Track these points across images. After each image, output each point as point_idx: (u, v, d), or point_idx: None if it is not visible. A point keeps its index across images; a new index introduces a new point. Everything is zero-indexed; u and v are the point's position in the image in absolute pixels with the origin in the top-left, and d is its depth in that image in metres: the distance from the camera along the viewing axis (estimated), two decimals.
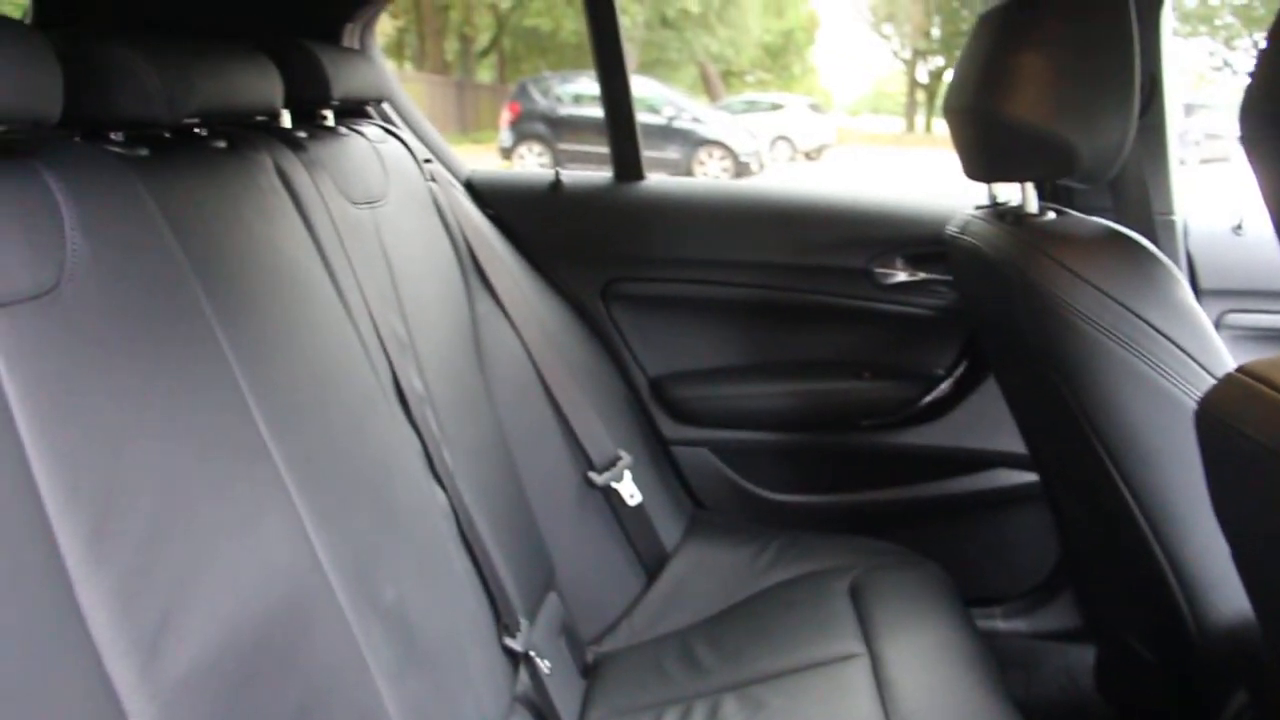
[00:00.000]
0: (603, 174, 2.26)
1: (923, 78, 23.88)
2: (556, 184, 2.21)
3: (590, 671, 1.89)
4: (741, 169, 13.18)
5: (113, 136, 1.09)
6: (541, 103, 13.77)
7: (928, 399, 2.18)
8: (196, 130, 1.26)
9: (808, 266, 2.18)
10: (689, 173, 12.80)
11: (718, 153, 13.31)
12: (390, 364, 1.46)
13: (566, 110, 13.59)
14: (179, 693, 0.82)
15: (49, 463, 0.79)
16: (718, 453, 2.28)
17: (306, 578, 1.05)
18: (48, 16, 1.67)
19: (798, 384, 2.24)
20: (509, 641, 1.55)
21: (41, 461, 0.78)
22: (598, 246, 2.21)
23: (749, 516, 2.26)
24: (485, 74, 23.40)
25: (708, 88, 21.51)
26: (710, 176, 12.65)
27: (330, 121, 1.69)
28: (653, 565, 2.08)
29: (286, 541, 1.04)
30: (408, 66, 20.30)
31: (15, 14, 1.31)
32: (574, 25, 19.78)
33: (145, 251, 1.00)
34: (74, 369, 0.84)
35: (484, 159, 12.44)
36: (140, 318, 0.95)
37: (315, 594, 1.05)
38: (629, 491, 2.04)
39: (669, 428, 2.26)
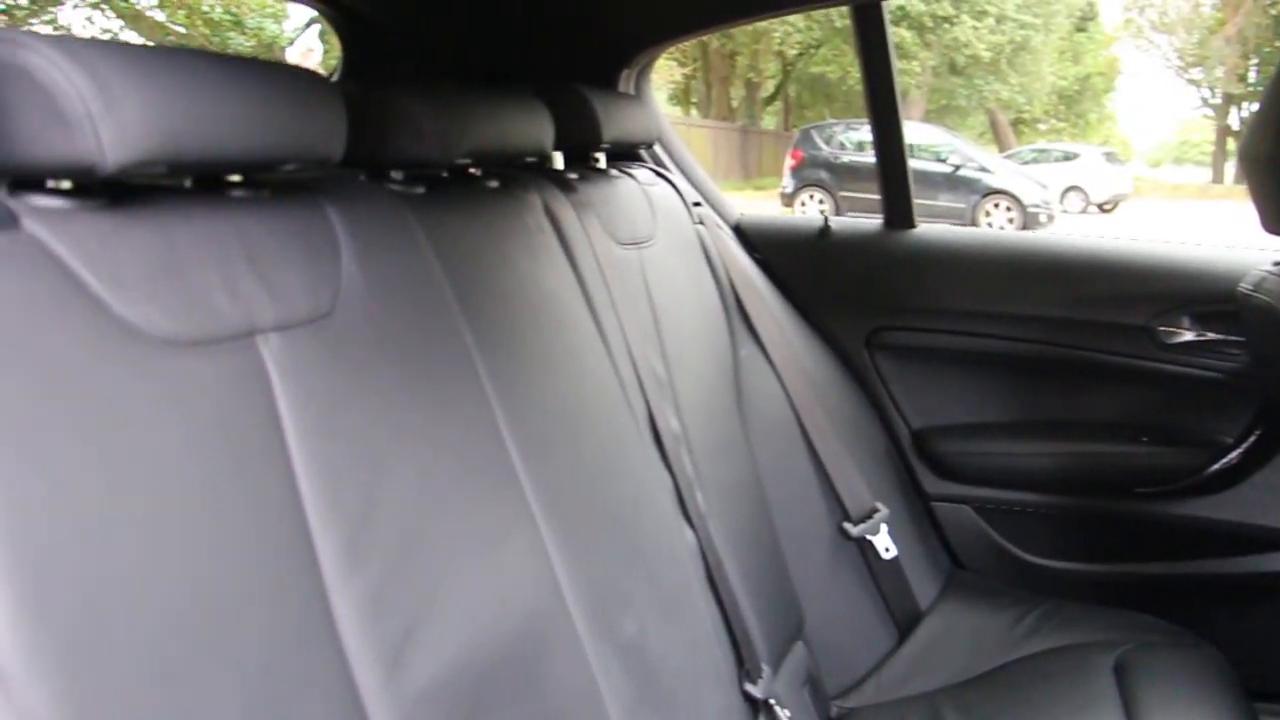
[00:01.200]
0: (872, 221, 2.24)
1: (1235, 124, 22.40)
2: (825, 230, 2.20)
3: None
4: (1029, 220, 12.73)
5: (394, 175, 1.16)
6: (824, 150, 13.77)
7: (1213, 469, 2.03)
8: (471, 170, 1.34)
9: (1084, 321, 2.07)
10: (973, 222, 12.46)
11: (1004, 202, 12.91)
12: (647, 402, 1.49)
13: (849, 157, 13.53)
14: (418, 706, 0.85)
15: (313, 475, 0.84)
16: (980, 511, 2.19)
17: (547, 604, 1.08)
18: (355, 67, 1.81)
19: (1069, 445, 2.13)
20: (750, 687, 1.54)
21: (306, 473, 0.83)
22: (865, 294, 2.18)
23: (1010, 580, 2.15)
24: (770, 120, 23.63)
25: (996, 136, 20.93)
26: (995, 227, 12.27)
27: (602, 164, 1.75)
28: (905, 623, 2.03)
29: (530, 567, 1.07)
30: (694, 113, 20.73)
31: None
32: (860, 73, 19.69)
33: (413, 282, 1.06)
34: (341, 388, 0.90)
35: (766, 205, 12.53)
36: (405, 344, 1.00)
37: (555, 621, 1.08)
38: (884, 545, 1.99)
39: (930, 482, 2.20)
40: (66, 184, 0.73)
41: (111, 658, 0.61)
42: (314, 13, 1.81)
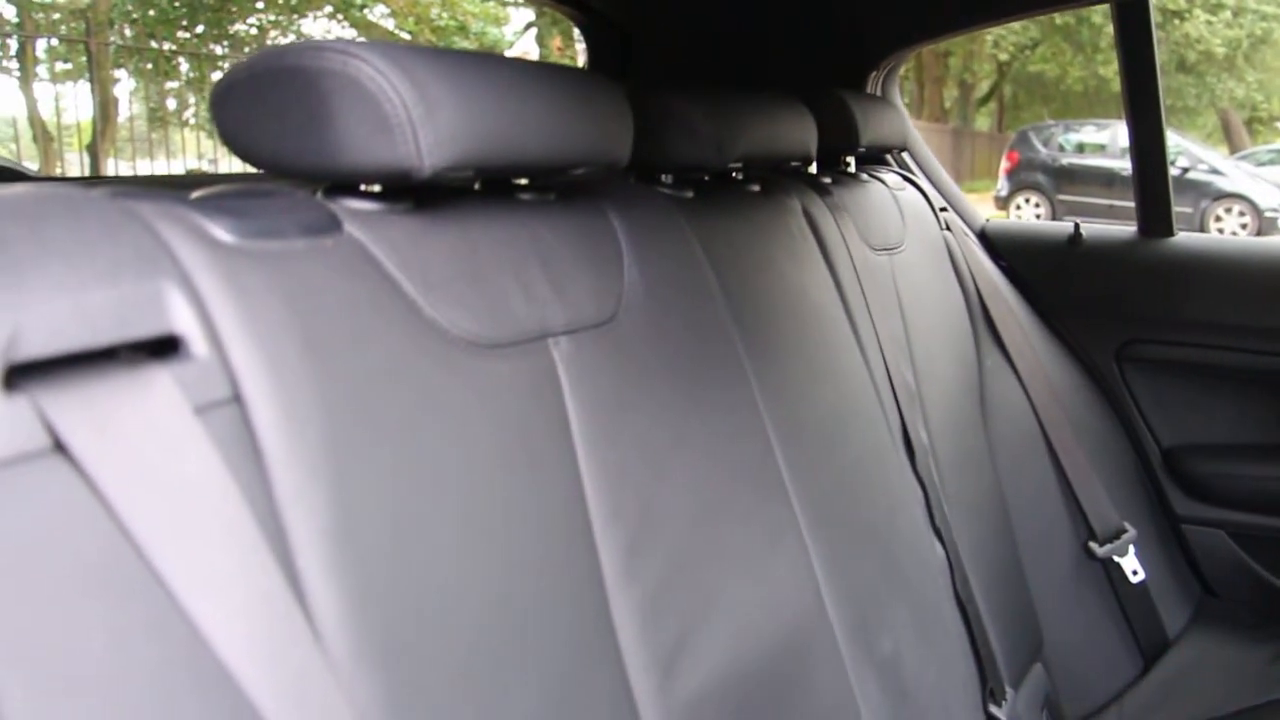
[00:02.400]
0: (1125, 228, 2.14)
1: None
2: (1075, 237, 2.11)
3: None
4: (1265, 225, 11.97)
5: (663, 178, 1.17)
6: (1042, 152, 13.28)
7: None
8: (734, 174, 1.33)
9: None
10: (1201, 228, 11.81)
11: (1237, 207, 12.17)
12: (900, 412, 1.46)
13: (1068, 160, 13.02)
14: (688, 712, 0.86)
15: (597, 480, 0.85)
16: (1235, 537, 2.06)
17: (810, 618, 1.06)
18: (598, 68, 1.83)
19: None
20: (994, 709, 1.49)
21: (591, 478, 0.84)
22: (1116, 305, 2.08)
23: (1266, 612, 2.02)
24: (983, 122, 22.96)
25: (1228, 135, 19.77)
26: (1227, 233, 11.60)
27: (852, 168, 1.72)
28: (1151, 650, 1.93)
29: (795, 580, 1.06)
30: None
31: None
32: (1080, 72, 18.93)
33: (688, 287, 1.06)
34: (623, 394, 0.90)
35: (979, 209, 12.18)
36: (682, 350, 1.01)
37: (817, 635, 1.07)
38: (1131, 567, 1.90)
39: (1181, 504, 2.08)
40: (377, 187, 0.76)
41: (424, 662, 0.63)
42: (532, 17, 1.84)
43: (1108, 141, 12.78)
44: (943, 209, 1.96)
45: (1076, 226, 2.13)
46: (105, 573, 0.47)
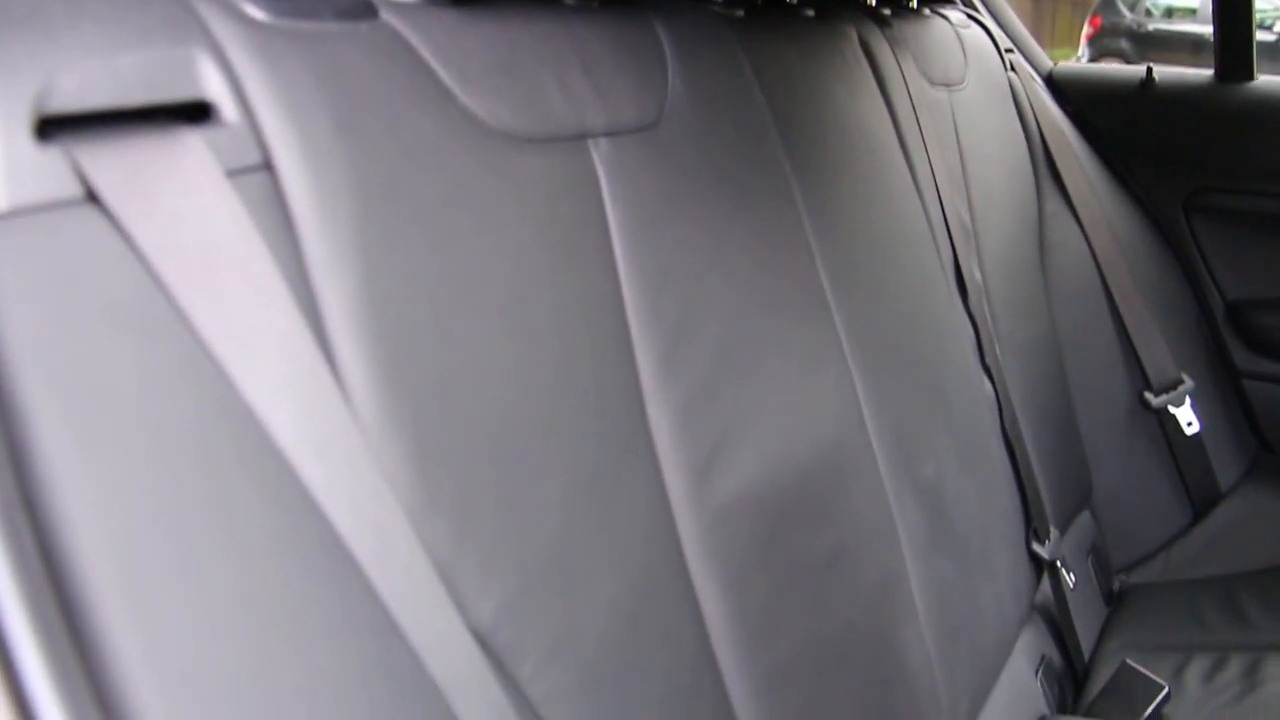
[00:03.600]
0: (1202, 72, 2.06)
1: None
2: (1148, 81, 2.04)
3: (1115, 599, 1.79)
4: None
5: None
6: (1127, 16, 12.76)
7: None
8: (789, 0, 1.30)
9: None
10: None
11: None
12: (953, 247, 1.44)
13: (1155, 25, 12.51)
14: (722, 516, 0.87)
15: (635, 281, 0.85)
16: None
17: (850, 436, 1.07)
18: None
19: None
20: (1037, 547, 1.50)
21: (629, 279, 0.84)
22: (1188, 152, 2.02)
23: None
24: None
25: None
26: None
27: (915, 3, 1.67)
28: (1201, 503, 1.92)
29: (835, 398, 1.06)
30: None
31: None
32: None
33: (735, 101, 1.05)
34: (664, 198, 0.90)
35: None
36: (727, 161, 1.00)
37: (856, 454, 1.08)
38: (1187, 419, 1.88)
39: (1243, 358, 2.04)
40: None
41: (452, 435, 0.64)
42: None
43: (1198, 4, 12.24)
44: (1009, 50, 1.90)
45: (1149, 70, 2.05)
46: (136, 315, 0.48)
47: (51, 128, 0.49)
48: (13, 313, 0.43)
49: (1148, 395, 1.87)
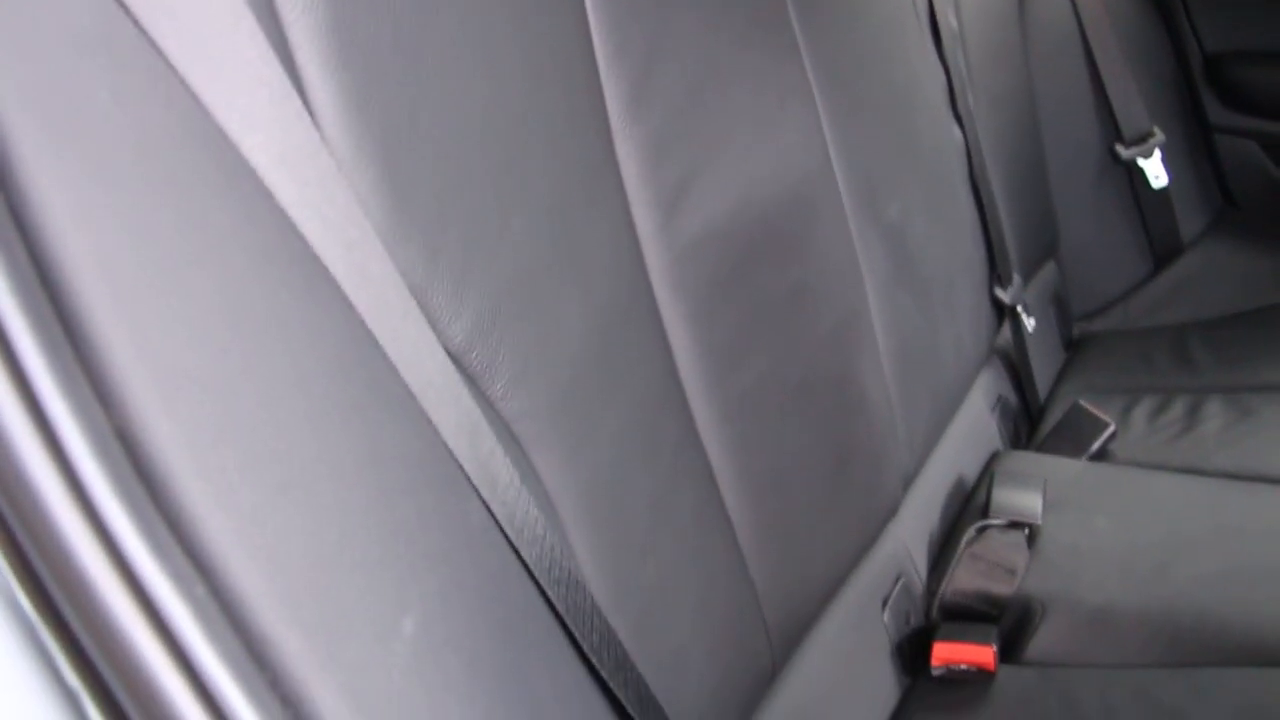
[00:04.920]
0: None
1: None
2: None
3: (1073, 346, 1.86)
4: None
5: None
6: None
7: None
8: None
9: None
10: None
11: None
12: None
13: None
14: (690, 250, 0.90)
15: (603, 14, 0.84)
16: (1268, 148, 2.04)
17: (817, 175, 1.09)
18: None
19: None
20: (999, 292, 1.55)
21: (596, 12, 0.83)
22: None
23: None
24: None
25: None
26: None
27: None
28: (1163, 254, 1.97)
29: (803, 137, 1.08)
30: None
31: None
32: None
33: None
34: None
35: None
36: None
37: (823, 191, 1.10)
38: (1155, 172, 1.90)
39: (1216, 112, 2.05)
40: None
41: (422, 162, 0.65)
42: None
43: None
44: None
45: None
46: (104, 42, 0.48)
47: None
48: None
49: (1118, 148, 1.88)
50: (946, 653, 1.09)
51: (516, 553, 0.53)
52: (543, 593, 0.54)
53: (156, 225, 0.44)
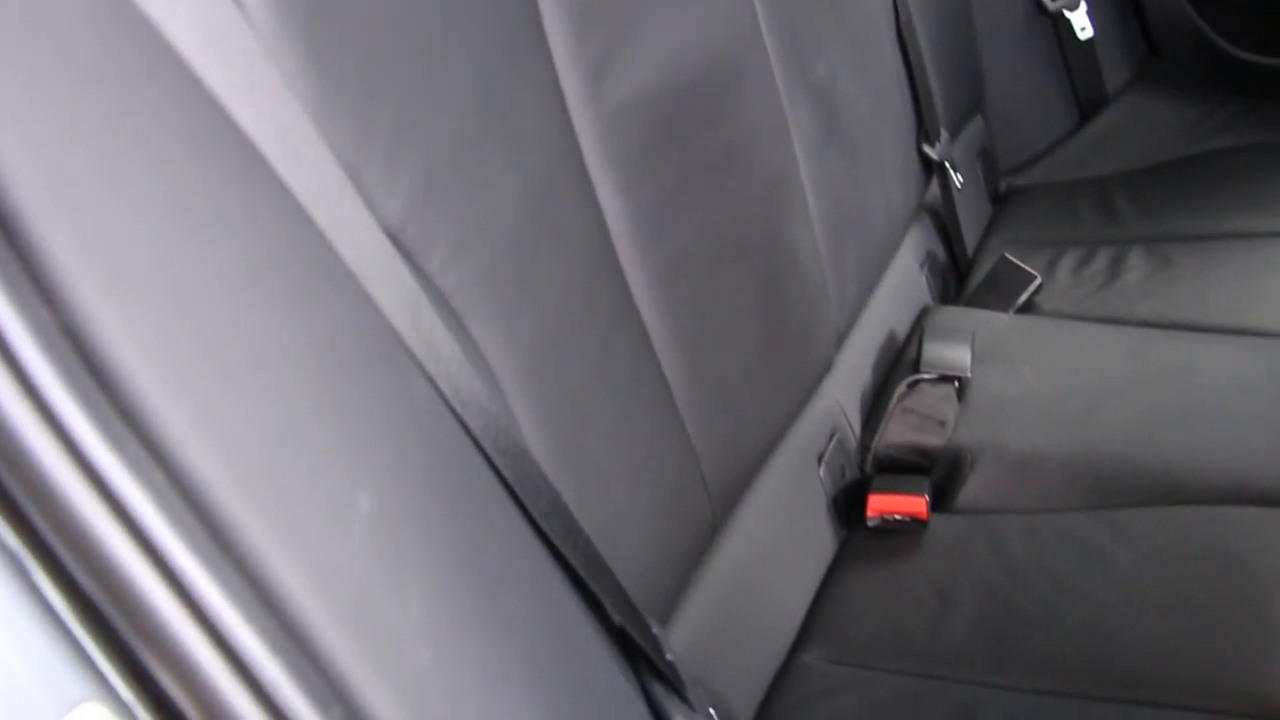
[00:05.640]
0: None
1: None
2: None
3: (1000, 200, 1.88)
4: None
5: None
6: None
7: None
8: None
9: None
10: None
11: None
12: None
13: None
14: (619, 117, 0.89)
15: None
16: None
17: (743, 37, 1.08)
18: None
19: None
20: (927, 148, 1.56)
21: None
22: None
23: (1208, 74, 2.04)
24: None
25: None
26: None
27: None
28: (1088, 107, 1.98)
29: (727, 2, 1.07)
30: None
31: None
32: None
33: None
34: None
35: None
36: None
37: (749, 54, 1.09)
38: (1081, 24, 1.90)
39: None
40: None
41: (347, 40, 0.63)
42: None
43: None
44: None
45: None
46: None
47: None
48: None
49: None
50: (881, 504, 1.12)
51: (463, 426, 0.53)
52: (491, 463, 0.55)
53: (84, 117, 0.43)
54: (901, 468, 1.19)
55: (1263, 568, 1.01)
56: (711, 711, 0.71)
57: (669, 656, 0.66)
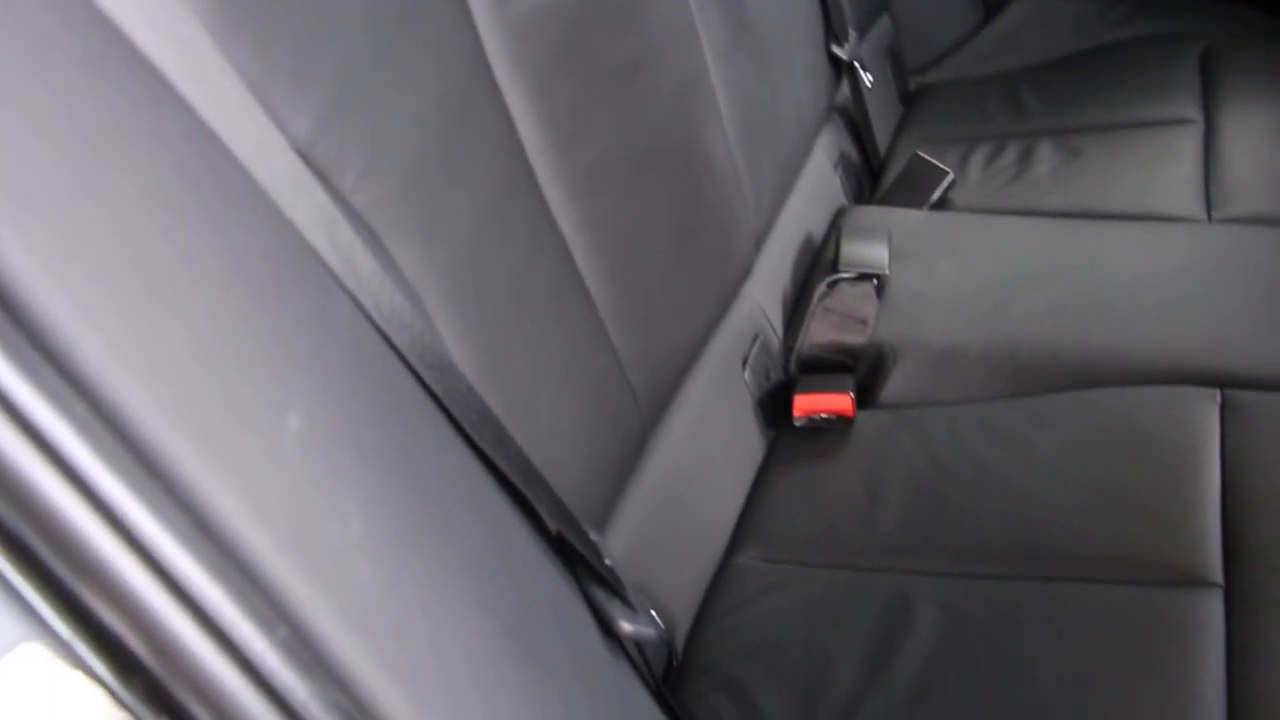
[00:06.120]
0: None
1: None
2: None
3: (910, 99, 1.88)
4: None
5: None
6: None
7: None
8: None
9: None
10: None
11: None
12: None
13: None
14: (525, 26, 0.87)
15: None
16: None
17: None
18: None
19: None
20: (835, 49, 1.55)
21: None
22: None
23: None
24: None
25: None
26: None
27: None
28: (993, 3, 1.99)
29: None
30: None
31: None
32: None
33: None
34: None
35: None
36: None
37: None
38: None
39: None
40: None
41: None
42: None
43: None
44: None
45: None
46: None
47: None
48: None
49: None
50: (807, 404, 1.14)
51: (389, 342, 0.53)
52: (419, 379, 0.54)
53: None
54: (825, 367, 1.20)
55: (1176, 442, 1.04)
56: (653, 614, 0.72)
57: (608, 561, 0.67)
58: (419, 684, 0.41)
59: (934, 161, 1.52)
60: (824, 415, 1.13)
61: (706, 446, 1.09)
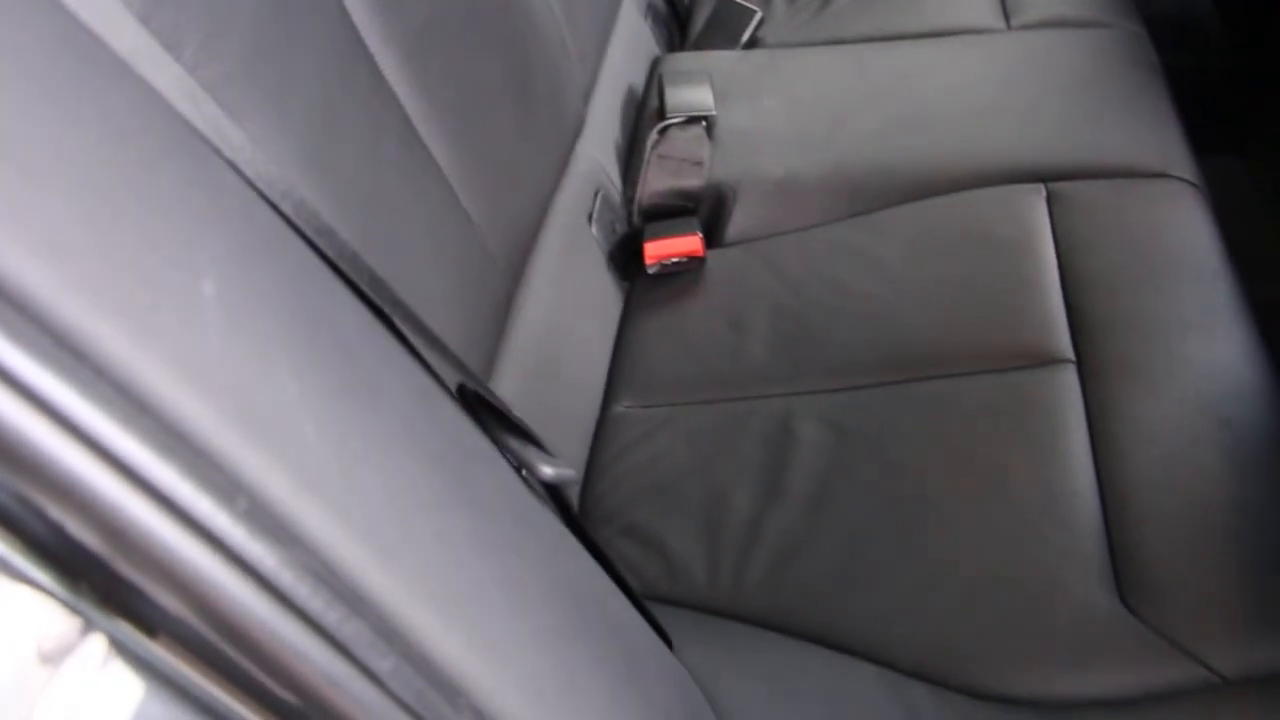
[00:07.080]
0: None
1: None
2: None
3: None
4: None
5: None
6: None
7: None
8: None
9: None
10: None
11: None
12: None
13: None
14: None
15: None
16: None
17: None
18: None
19: None
20: None
21: None
22: None
23: None
24: None
25: None
26: None
27: None
28: None
29: None
30: None
31: None
32: None
33: None
34: None
35: None
36: None
37: None
38: None
39: None
40: None
41: None
42: None
43: None
44: None
45: None
46: None
47: None
48: None
49: None
50: (657, 250, 1.14)
51: (275, 209, 0.50)
52: (310, 244, 0.52)
53: None
54: (669, 213, 1.21)
55: (1012, 236, 1.09)
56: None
57: (515, 413, 0.67)
58: (381, 538, 0.41)
59: (741, 2, 1.52)
60: (676, 259, 1.14)
61: (567, 304, 1.09)
